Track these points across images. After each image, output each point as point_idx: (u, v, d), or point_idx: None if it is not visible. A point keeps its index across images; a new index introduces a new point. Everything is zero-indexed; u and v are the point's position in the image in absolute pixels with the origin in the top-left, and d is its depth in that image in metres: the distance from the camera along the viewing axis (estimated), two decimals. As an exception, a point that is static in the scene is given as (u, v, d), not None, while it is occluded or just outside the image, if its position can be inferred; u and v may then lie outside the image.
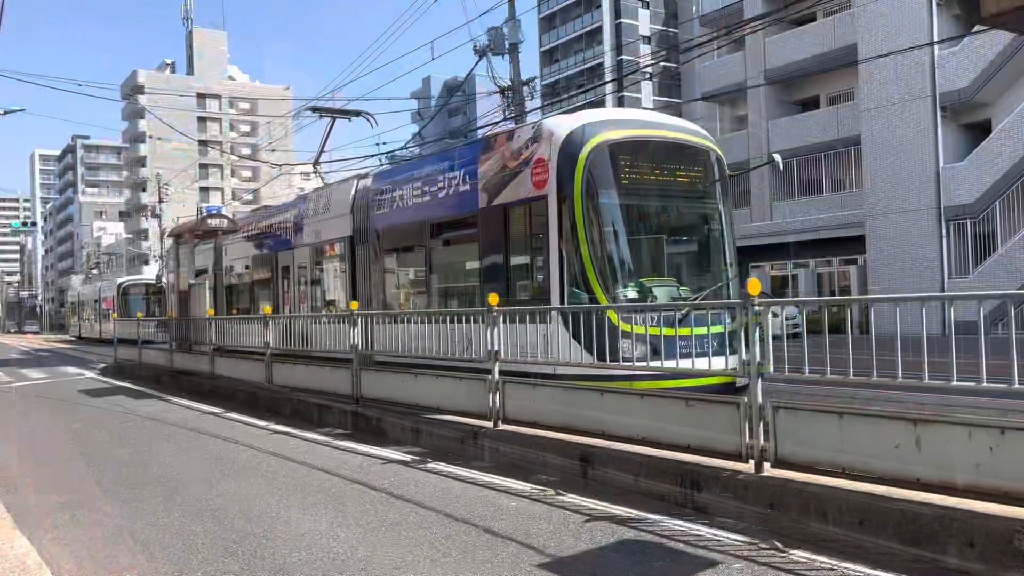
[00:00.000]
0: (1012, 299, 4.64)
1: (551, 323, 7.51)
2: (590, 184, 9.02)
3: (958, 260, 24.95)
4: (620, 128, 9.49)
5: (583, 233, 8.93)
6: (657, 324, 6.93)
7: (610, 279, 8.95)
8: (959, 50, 24.52)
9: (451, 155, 11.73)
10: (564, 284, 9.02)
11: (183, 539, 5.42)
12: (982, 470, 4.39)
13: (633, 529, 5.26)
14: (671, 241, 9.95)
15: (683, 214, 10.10)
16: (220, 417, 11.95)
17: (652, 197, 9.66)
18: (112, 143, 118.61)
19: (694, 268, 10.13)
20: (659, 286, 9.14)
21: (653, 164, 9.54)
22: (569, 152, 9.11)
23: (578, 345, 7.39)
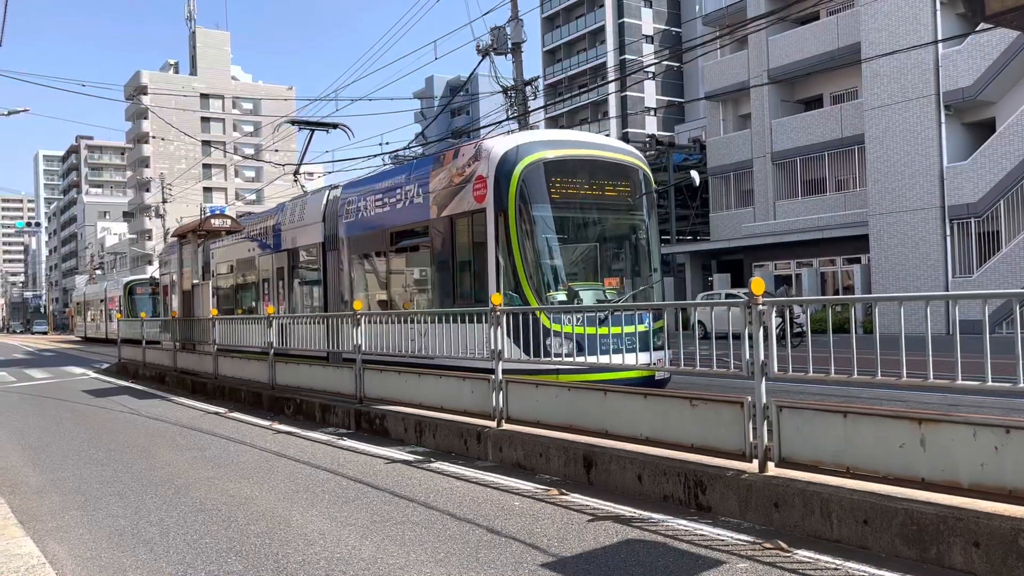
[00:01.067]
0: (1017, 298, 4.62)
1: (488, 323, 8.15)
2: (523, 199, 10.09)
3: (962, 259, 24.90)
4: (552, 148, 10.60)
5: (516, 243, 10.01)
6: (583, 324, 7.98)
7: (540, 284, 9.98)
8: (963, 49, 24.47)
9: (408, 169, 12.72)
10: (501, 289, 9.97)
11: (187, 539, 5.42)
12: (987, 470, 4.37)
13: (637, 529, 5.26)
14: (598, 250, 11.00)
15: (610, 225, 11.16)
16: (223, 417, 11.96)
17: (580, 210, 10.74)
18: (116, 144, 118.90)
19: (620, 273, 11.16)
20: (586, 290, 10.24)
21: (582, 180, 10.62)
22: (504, 170, 10.16)
23: (514, 343, 8.19)
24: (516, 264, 9.94)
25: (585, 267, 10.84)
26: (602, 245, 11.07)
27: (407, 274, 12.66)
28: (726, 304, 6.10)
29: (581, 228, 10.93)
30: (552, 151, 10.52)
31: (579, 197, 10.62)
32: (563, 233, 10.57)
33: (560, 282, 10.27)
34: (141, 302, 39.10)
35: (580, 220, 10.85)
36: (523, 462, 7.31)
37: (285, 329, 13.19)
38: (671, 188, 38.59)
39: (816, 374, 5.39)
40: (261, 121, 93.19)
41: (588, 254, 10.93)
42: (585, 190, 10.65)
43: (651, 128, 71.38)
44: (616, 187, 10.89)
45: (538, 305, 9.49)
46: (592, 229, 11.01)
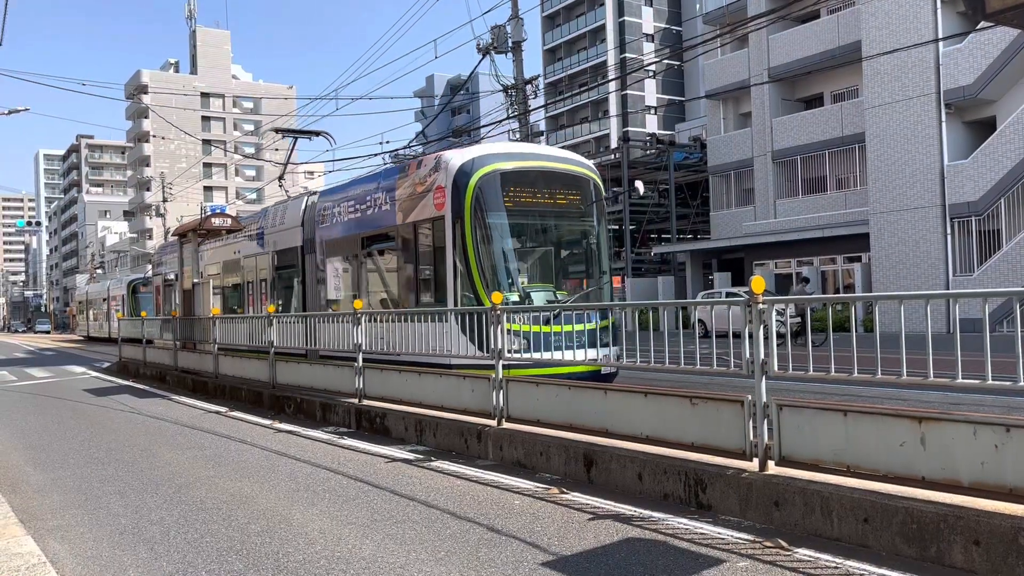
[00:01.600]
0: (1017, 297, 4.62)
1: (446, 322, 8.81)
2: (477, 207, 10.86)
3: (962, 258, 24.89)
4: (505, 160, 11.32)
5: (471, 248, 10.77)
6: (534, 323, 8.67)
7: (493, 286, 10.62)
8: (963, 47, 24.45)
9: (377, 178, 13.37)
10: (458, 290, 10.79)
11: (187, 538, 5.43)
12: (987, 468, 4.38)
13: (637, 527, 5.26)
14: (550, 254, 11.84)
15: (561, 231, 11.93)
16: (224, 416, 11.97)
17: (532, 217, 11.54)
18: (116, 143, 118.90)
19: (570, 274, 12.02)
20: (537, 291, 11.06)
21: (534, 189, 11.38)
22: (461, 180, 10.92)
23: (468, 340, 8.80)
24: (471, 268, 10.73)
25: (537, 270, 11.65)
26: (553, 250, 11.88)
27: (377, 276, 13.37)
28: (726, 303, 6.10)
29: (533, 234, 11.72)
30: (505, 163, 11.29)
31: (531, 205, 11.39)
32: (515, 238, 11.34)
33: (513, 284, 11.01)
34: (145, 300, 39.00)
35: (532, 226, 11.65)
36: (523, 461, 7.31)
37: (283, 328, 13.19)
38: (671, 187, 38.61)
39: (816, 373, 5.39)
40: (261, 120, 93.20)
41: (540, 258, 11.75)
42: (537, 199, 11.41)
43: (652, 127, 71.37)
44: (567, 196, 11.67)
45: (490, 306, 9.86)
46: (543, 235, 11.81)
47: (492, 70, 24.36)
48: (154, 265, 29.35)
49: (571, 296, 11.34)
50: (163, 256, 25.49)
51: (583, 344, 8.67)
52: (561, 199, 11.63)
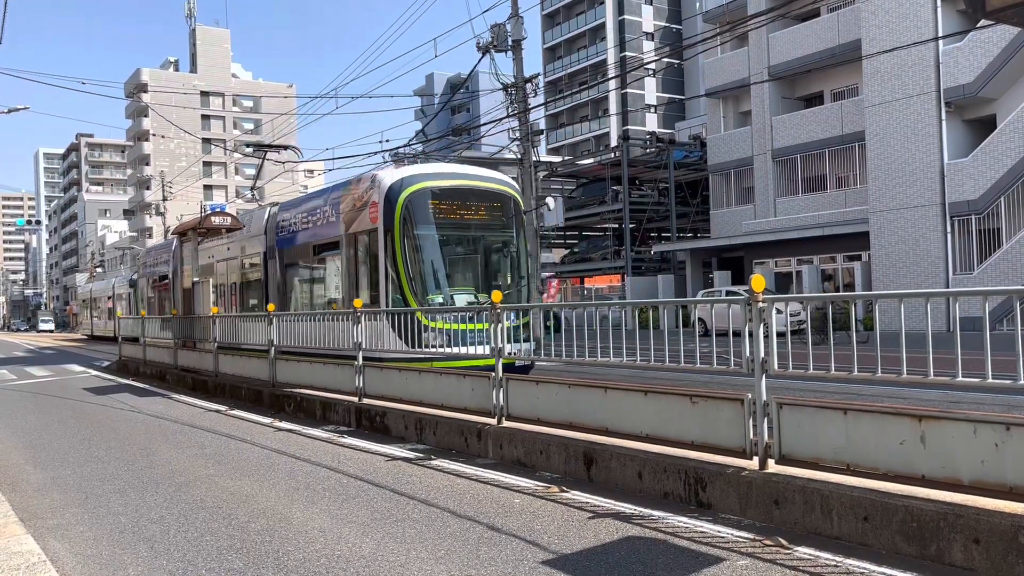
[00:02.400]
0: (1017, 295, 4.62)
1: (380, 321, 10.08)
2: (405, 221, 12.31)
3: (962, 256, 24.89)
4: (431, 179, 12.77)
5: (400, 257, 12.23)
6: (455, 321, 9.75)
7: (420, 290, 12.23)
8: (963, 45, 24.43)
9: (326, 192, 14.83)
10: (389, 293, 12.24)
11: (187, 537, 5.43)
12: (987, 467, 4.38)
13: (637, 526, 5.26)
14: (472, 261, 13.22)
15: (482, 241, 13.24)
16: (224, 415, 11.97)
17: (456, 229, 12.92)
18: (116, 141, 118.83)
19: (491, 280, 13.30)
20: (459, 294, 12.52)
21: (457, 205, 12.80)
22: (391, 197, 12.40)
23: (398, 337, 10.26)
24: (400, 273, 12.24)
25: (459, 275, 13.06)
26: (474, 258, 13.27)
27: (326, 280, 14.80)
28: (726, 301, 6.10)
29: (456, 244, 13.13)
30: (431, 181, 12.74)
31: (455, 218, 12.82)
32: (440, 248, 12.77)
33: (436, 287, 12.51)
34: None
35: (455, 237, 13.03)
36: (523, 459, 7.32)
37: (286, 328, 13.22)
38: (671, 185, 38.60)
39: (816, 371, 5.39)
40: (261, 119, 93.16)
41: (462, 265, 13.20)
42: (460, 213, 12.86)
43: (651, 125, 71.35)
44: (488, 210, 13.12)
45: (416, 307, 11.45)
46: (466, 245, 13.24)
47: (492, 68, 24.36)
48: (141, 266, 30.15)
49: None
50: (157, 256, 26.12)
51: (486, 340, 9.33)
52: (483, 213, 13.09)
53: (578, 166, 44.34)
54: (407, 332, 9.73)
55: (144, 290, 27.73)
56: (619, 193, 38.73)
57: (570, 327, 16.00)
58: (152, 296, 26.11)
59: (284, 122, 74.85)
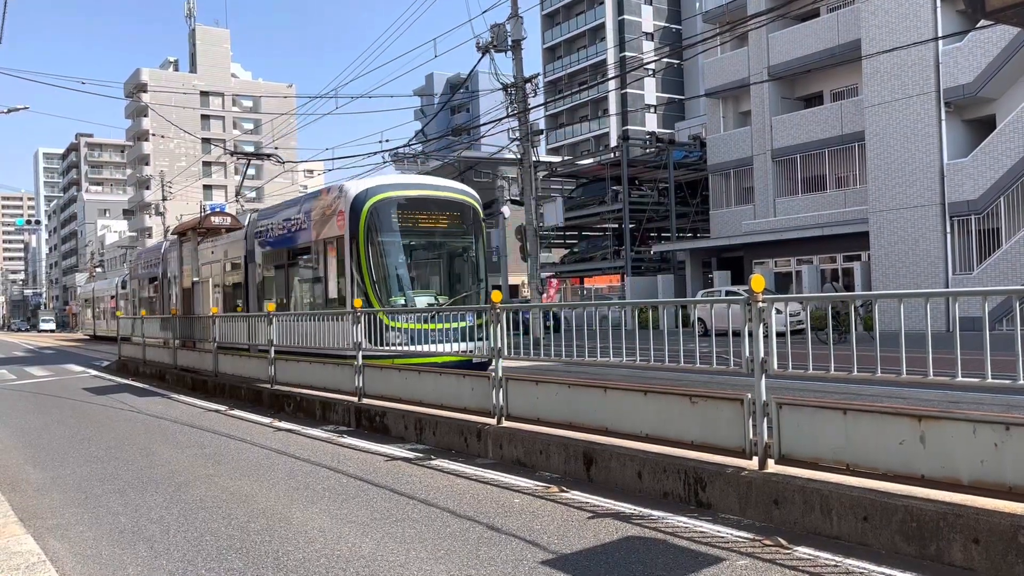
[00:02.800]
0: (1017, 295, 4.62)
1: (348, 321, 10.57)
2: (369, 228, 13.23)
3: (962, 256, 24.89)
4: (394, 190, 13.71)
5: (364, 262, 13.14)
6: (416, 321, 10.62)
7: (383, 292, 13.18)
8: (963, 45, 24.43)
9: (300, 202, 15.81)
10: (353, 296, 12.96)
11: (187, 536, 5.43)
12: (987, 466, 4.38)
13: (637, 526, 5.26)
14: (432, 266, 14.35)
15: (442, 247, 14.31)
16: (224, 414, 11.97)
17: (416, 236, 13.88)
18: (116, 141, 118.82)
19: (450, 283, 14.25)
20: (419, 296, 13.54)
21: (418, 213, 13.76)
22: (356, 207, 13.31)
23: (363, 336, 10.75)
24: (364, 277, 13.13)
25: (420, 279, 14.15)
26: (435, 262, 14.38)
27: (300, 282, 15.75)
28: (725, 301, 6.10)
29: (416, 249, 14.08)
30: (393, 192, 13.65)
31: (415, 227, 13.79)
32: (401, 254, 13.70)
33: (398, 290, 13.48)
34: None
35: (416, 243, 13.98)
36: (523, 459, 7.32)
37: (287, 328, 13.22)
38: (671, 185, 38.60)
39: (816, 372, 5.39)
40: (261, 118, 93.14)
41: (422, 269, 14.28)
42: (421, 221, 13.83)
43: (651, 125, 71.35)
44: (447, 218, 14.04)
45: (380, 308, 12.09)
46: (426, 250, 14.28)
47: (492, 68, 24.38)
48: (132, 269, 31.77)
49: (449, 301, 13.54)
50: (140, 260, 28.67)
51: (457, 339, 9.82)
52: (443, 221, 14.02)
53: (578, 166, 44.34)
54: (371, 332, 10.33)
55: (136, 291, 29.38)
56: (619, 193, 38.73)
57: (570, 327, 16.03)
58: (143, 297, 27.62)
59: (284, 122, 74.83)
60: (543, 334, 18.83)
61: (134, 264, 31.08)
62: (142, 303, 27.40)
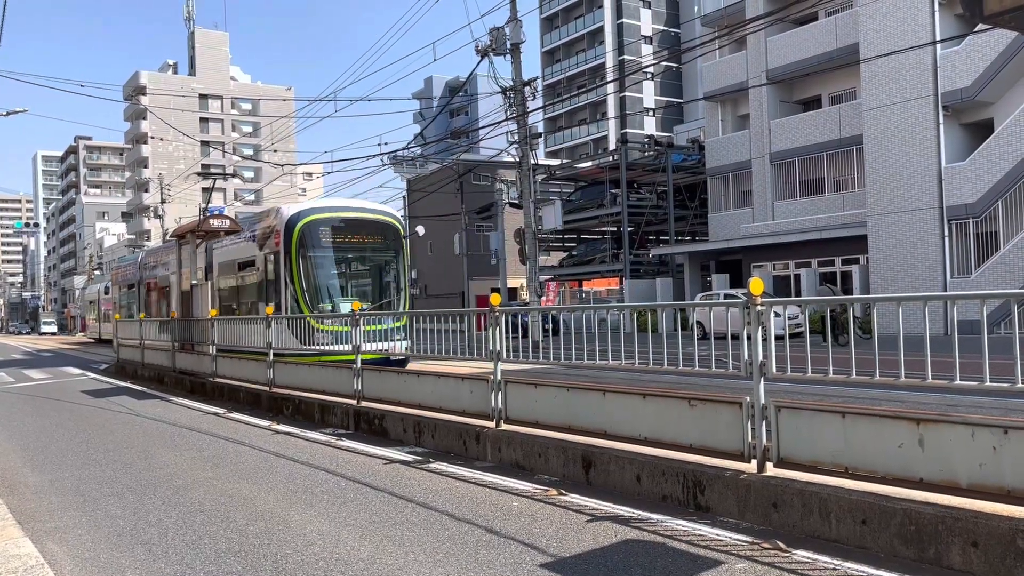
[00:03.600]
0: (1015, 298, 4.63)
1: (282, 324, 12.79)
2: (300, 245, 15.46)
3: (960, 260, 24.92)
4: (323, 212, 16.05)
5: (296, 274, 15.40)
6: (344, 325, 11.60)
7: (312, 300, 15.45)
8: (961, 49, 24.48)
9: (248, 221, 18.26)
10: (287, 303, 15.38)
11: (186, 540, 5.42)
12: (985, 470, 4.38)
13: (636, 529, 5.26)
14: (356, 276, 16.62)
15: (365, 261, 16.63)
16: (222, 417, 11.96)
17: (342, 251, 16.11)
18: (114, 144, 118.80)
19: (372, 293, 16.43)
20: (344, 303, 15.33)
21: (344, 232, 15.94)
22: (289, 227, 15.58)
23: (295, 338, 13.26)
24: (296, 287, 15.37)
25: (345, 288, 16.19)
26: (359, 273, 16.70)
27: (247, 291, 17.79)
28: (724, 304, 6.10)
29: (342, 263, 16.33)
30: (322, 214, 15.94)
31: (342, 244, 15.96)
32: (328, 267, 15.93)
33: (327, 298, 15.70)
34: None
35: (342, 258, 16.24)
36: (522, 462, 7.32)
37: (283, 330, 13.26)
38: (670, 189, 38.64)
39: (814, 374, 5.39)
40: (260, 122, 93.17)
41: (347, 280, 16.43)
42: (346, 238, 15.98)
43: (650, 128, 71.43)
44: (371, 236, 16.26)
45: (309, 314, 14.37)
46: (351, 264, 16.54)
47: (491, 72, 24.37)
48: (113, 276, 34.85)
49: (370, 307, 15.45)
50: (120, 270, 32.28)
51: (378, 339, 11.12)
52: (368, 239, 16.22)
53: (576, 169, 44.36)
54: (301, 334, 12.69)
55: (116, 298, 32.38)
56: (617, 196, 38.76)
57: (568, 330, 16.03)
58: (122, 304, 30.78)
59: (283, 125, 74.81)
60: (542, 337, 18.79)
61: (113, 272, 34.90)
62: (122, 308, 30.65)
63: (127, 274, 29.93)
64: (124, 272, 30.92)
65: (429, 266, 54.95)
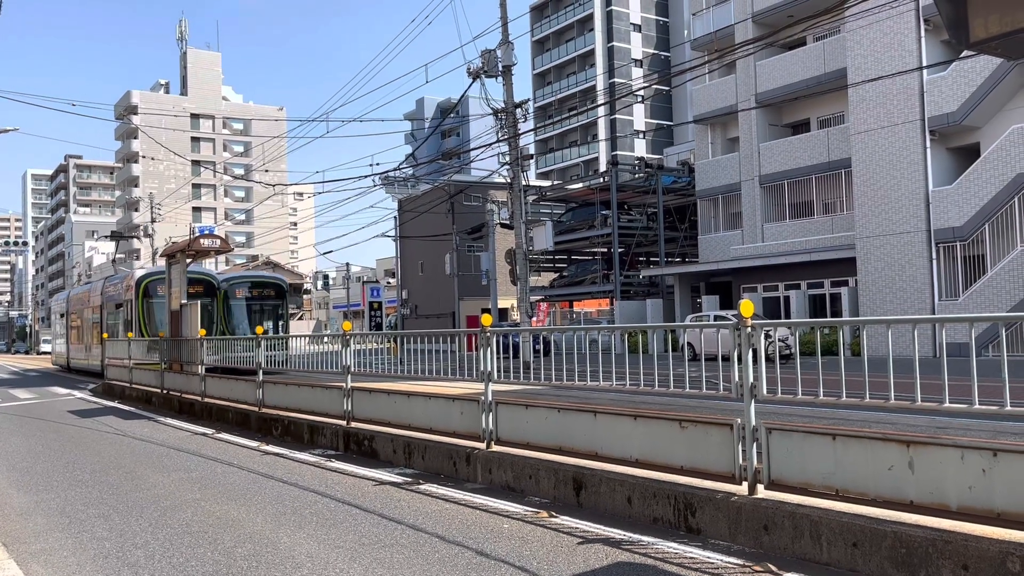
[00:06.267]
0: (1003, 322, 4.66)
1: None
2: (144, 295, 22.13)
3: (948, 282, 25.08)
4: (157, 274, 21.56)
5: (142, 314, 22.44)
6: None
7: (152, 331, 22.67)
8: (947, 75, 24.80)
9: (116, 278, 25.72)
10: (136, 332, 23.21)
11: (173, 562, 5.37)
12: (975, 492, 4.39)
13: (627, 551, 5.24)
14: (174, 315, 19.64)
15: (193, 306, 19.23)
16: (210, 438, 11.88)
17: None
18: (105, 163, 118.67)
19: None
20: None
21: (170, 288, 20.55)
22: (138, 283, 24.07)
23: None
24: (142, 326, 24.13)
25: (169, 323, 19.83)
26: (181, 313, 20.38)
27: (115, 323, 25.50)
28: (715, 326, 6.12)
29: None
30: (156, 275, 23.05)
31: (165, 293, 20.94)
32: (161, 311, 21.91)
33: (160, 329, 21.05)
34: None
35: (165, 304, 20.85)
36: (513, 484, 7.29)
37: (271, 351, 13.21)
38: (660, 211, 38.83)
39: (805, 397, 5.41)
40: (251, 141, 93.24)
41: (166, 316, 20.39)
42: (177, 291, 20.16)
43: (640, 151, 71.88)
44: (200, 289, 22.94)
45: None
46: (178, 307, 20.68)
47: (482, 93, 24.53)
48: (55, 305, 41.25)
49: None
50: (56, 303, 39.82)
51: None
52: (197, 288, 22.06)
53: (567, 190, 44.56)
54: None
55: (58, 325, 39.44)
56: (608, 218, 38.90)
57: (559, 351, 16.06)
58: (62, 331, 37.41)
59: (274, 145, 74.92)
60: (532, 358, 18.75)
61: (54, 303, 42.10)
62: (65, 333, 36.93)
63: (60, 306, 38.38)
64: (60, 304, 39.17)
65: (420, 286, 54.93)
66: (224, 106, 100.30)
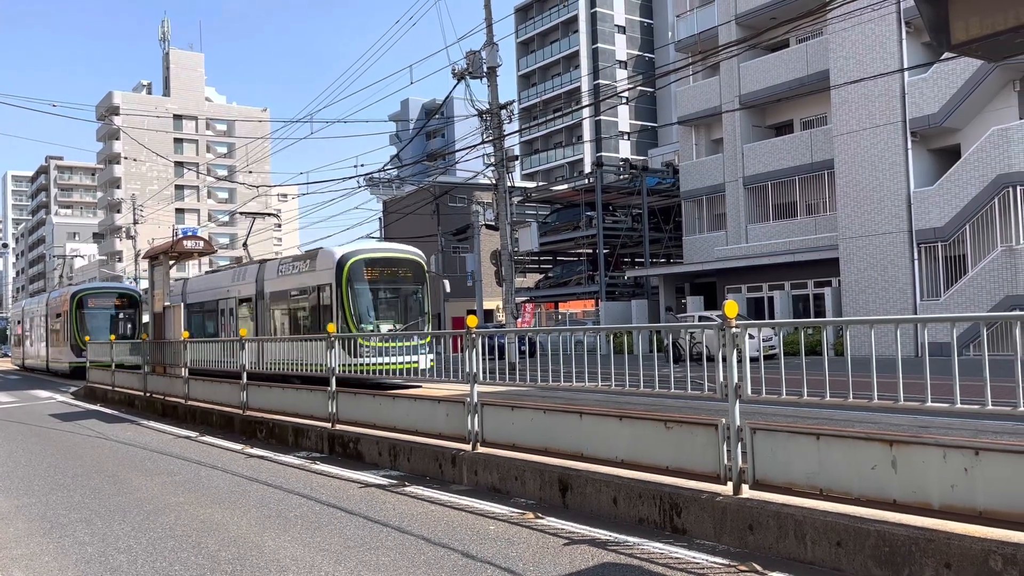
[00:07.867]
0: (984, 321, 4.70)
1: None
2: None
3: (929, 283, 25.28)
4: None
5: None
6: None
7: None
8: (928, 77, 25.01)
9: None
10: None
11: (156, 567, 5.32)
12: (957, 491, 4.43)
13: (612, 552, 5.25)
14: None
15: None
16: (194, 441, 11.80)
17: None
18: (87, 164, 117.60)
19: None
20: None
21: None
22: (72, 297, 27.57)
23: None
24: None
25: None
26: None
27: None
28: (699, 326, 6.14)
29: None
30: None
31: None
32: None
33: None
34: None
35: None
36: (498, 485, 7.28)
37: (259, 352, 13.11)
38: (644, 212, 38.95)
39: (789, 397, 5.43)
40: (235, 142, 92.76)
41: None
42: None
43: (625, 152, 72.04)
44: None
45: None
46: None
47: (467, 95, 24.51)
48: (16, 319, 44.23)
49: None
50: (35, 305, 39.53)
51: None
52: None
53: (552, 192, 44.58)
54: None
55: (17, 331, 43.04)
56: (593, 219, 38.97)
57: (545, 352, 16.11)
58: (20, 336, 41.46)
59: (258, 146, 74.54)
60: (518, 359, 18.78)
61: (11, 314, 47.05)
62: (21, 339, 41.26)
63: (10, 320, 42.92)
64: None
65: (405, 288, 54.68)
66: (207, 107, 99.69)
